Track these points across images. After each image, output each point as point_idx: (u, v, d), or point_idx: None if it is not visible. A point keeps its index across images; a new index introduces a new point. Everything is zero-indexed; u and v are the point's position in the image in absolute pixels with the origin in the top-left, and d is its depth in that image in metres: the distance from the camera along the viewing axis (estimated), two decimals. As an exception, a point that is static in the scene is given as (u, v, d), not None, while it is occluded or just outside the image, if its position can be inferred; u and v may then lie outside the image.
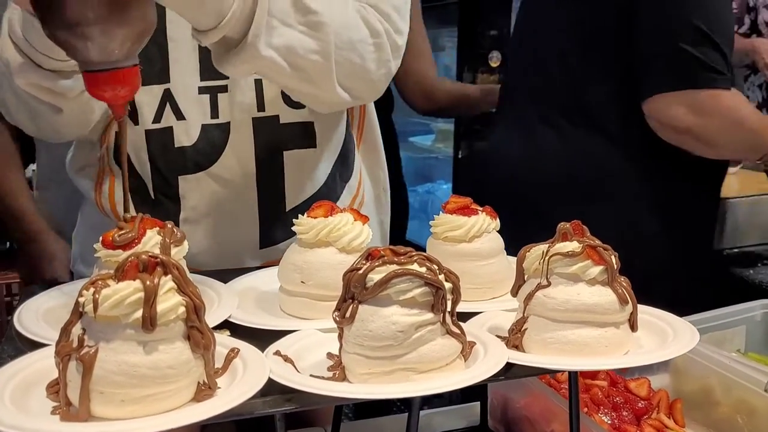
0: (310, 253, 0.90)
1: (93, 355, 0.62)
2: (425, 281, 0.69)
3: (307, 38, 0.96)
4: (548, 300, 0.78)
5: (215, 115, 1.11)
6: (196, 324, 0.65)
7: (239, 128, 1.11)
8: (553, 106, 1.64)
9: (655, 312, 0.88)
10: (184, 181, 1.11)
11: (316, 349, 0.80)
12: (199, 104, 1.10)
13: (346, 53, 1.01)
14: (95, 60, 0.77)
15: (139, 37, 0.80)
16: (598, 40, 1.55)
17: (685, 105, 1.44)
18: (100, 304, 0.62)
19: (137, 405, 0.63)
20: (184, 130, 1.10)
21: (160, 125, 1.10)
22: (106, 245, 0.82)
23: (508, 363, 0.74)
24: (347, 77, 1.03)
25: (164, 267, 0.65)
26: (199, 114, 1.10)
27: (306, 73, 0.99)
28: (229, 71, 0.95)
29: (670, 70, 1.46)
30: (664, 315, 0.87)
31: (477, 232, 0.98)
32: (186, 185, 1.11)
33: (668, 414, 1.13)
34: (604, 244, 0.80)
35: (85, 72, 0.79)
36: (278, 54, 0.94)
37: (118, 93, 0.80)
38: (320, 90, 1.02)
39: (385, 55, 1.06)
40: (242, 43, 0.91)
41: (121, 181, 1.13)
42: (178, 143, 1.10)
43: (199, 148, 1.10)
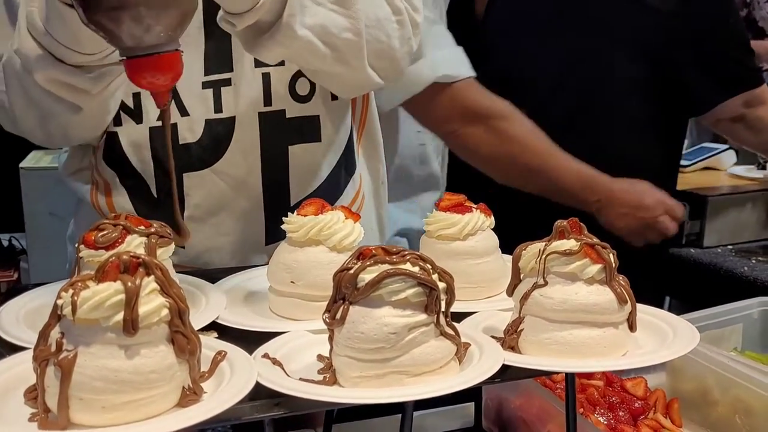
0: (300, 252, 0.88)
1: (72, 360, 0.60)
2: (418, 281, 0.67)
3: (338, 16, 0.96)
4: (545, 300, 0.76)
5: (219, 109, 1.08)
6: (181, 328, 0.63)
7: (244, 123, 1.09)
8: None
9: (655, 311, 0.86)
10: (188, 178, 1.08)
11: (306, 351, 0.77)
12: (202, 99, 1.08)
13: (374, 31, 1.01)
14: (139, 45, 0.75)
15: (184, 18, 0.78)
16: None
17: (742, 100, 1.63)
18: (79, 307, 0.60)
19: (119, 412, 0.60)
20: (188, 126, 1.08)
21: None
22: (87, 245, 0.79)
23: (504, 365, 0.72)
24: (375, 56, 1.03)
25: (146, 267, 0.63)
26: (203, 109, 1.08)
27: (340, 52, 0.98)
28: (263, 56, 0.94)
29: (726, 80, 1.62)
30: (664, 315, 0.85)
31: (471, 230, 0.96)
32: (190, 183, 1.08)
33: (665, 414, 1.12)
34: (602, 242, 0.77)
35: (128, 58, 0.77)
36: (313, 33, 0.94)
37: (160, 80, 0.78)
38: (353, 70, 1.02)
39: (407, 32, 1.06)
40: (277, 25, 0.90)
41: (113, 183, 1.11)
42: (183, 140, 1.08)
43: (204, 144, 1.08)
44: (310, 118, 1.13)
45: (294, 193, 1.14)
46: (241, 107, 1.08)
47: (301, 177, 1.14)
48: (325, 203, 0.91)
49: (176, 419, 0.60)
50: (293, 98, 1.11)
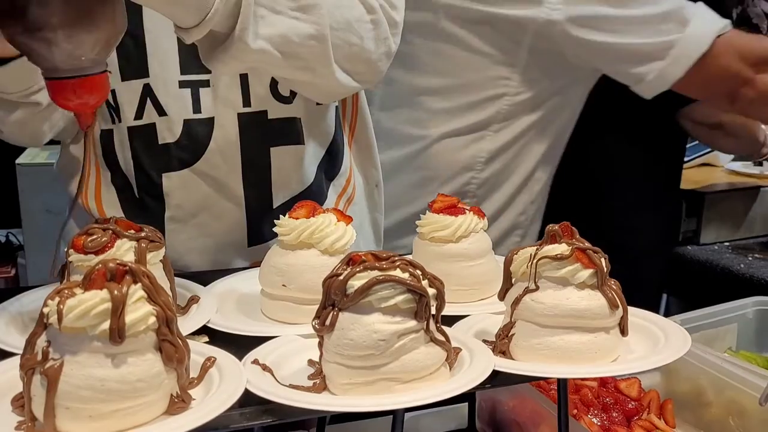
0: (292, 255, 0.87)
1: (58, 369, 0.59)
2: (408, 288, 0.66)
3: (300, 23, 0.91)
4: (536, 305, 0.75)
5: (198, 110, 1.07)
6: (168, 337, 0.62)
7: (224, 124, 1.07)
8: None
9: (647, 315, 0.85)
10: (168, 179, 1.08)
11: (296, 356, 0.77)
12: (180, 99, 1.06)
13: (343, 34, 0.96)
14: (61, 67, 0.73)
15: (108, 42, 0.75)
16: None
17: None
18: (65, 315, 0.59)
19: (106, 420, 0.60)
20: (167, 126, 1.07)
21: (142, 122, 1.06)
22: (77, 249, 0.79)
23: (495, 371, 0.71)
24: (347, 59, 0.99)
25: (133, 275, 0.62)
26: (181, 109, 1.06)
27: (302, 60, 0.94)
28: (219, 69, 0.90)
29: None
30: (656, 318, 0.84)
31: (464, 232, 0.96)
32: (170, 183, 1.08)
33: (659, 415, 1.12)
34: (594, 246, 0.77)
35: (49, 79, 0.74)
36: (270, 44, 0.89)
37: (86, 101, 0.75)
38: (320, 77, 0.98)
39: (383, 32, 1.02)
40: (230, 39, 0.85)
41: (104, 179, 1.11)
42: (162, 140, 1.07)
43: (183, 145, 1.06)
44: (292, 120, 1.11)
45: (277, 196, 1.13)
46: (220, 108, 1.07)
47: (284, 179, 1.13)
48: (317, 206, 0.90)
49: (163, 428, 0.59)
50: (276, 98, 1.09)
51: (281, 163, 1.11)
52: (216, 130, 1.07)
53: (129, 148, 1.07)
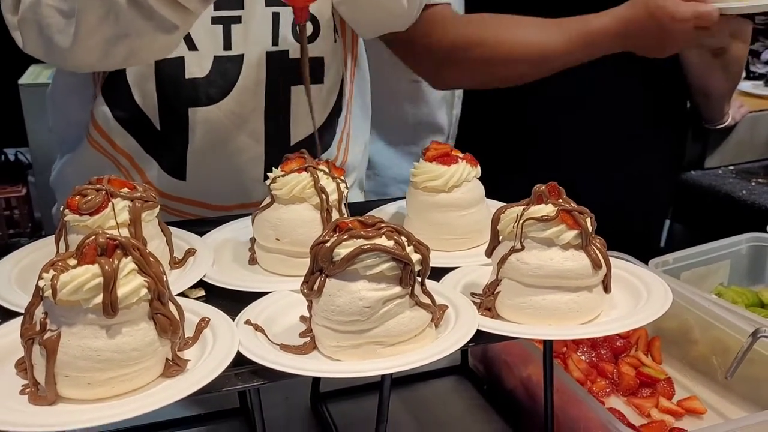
0: (285, 209, 0.88)
1: (55, 340, 0.62)
2: (392, 256, 0.68)
3: None
4: (521, 265, 0.77)
5: (228, 46, 1.08)
6: (161, 309, 0.65)
7: (252, 62, 1.09)
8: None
9: (629, 267, 0.87)
10: (194, 113, 1.09)
11: (289, 312, 0.80)
12: (211, 35, 1.07)
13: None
14: None
15: None
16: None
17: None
18: (59, 290, 0.61)
19: (104, 387, 0.64)
20: (197, 61, 1.07)
21: (171, 55, 1.05)
22: (72, 210, 0.80)
23: (478, 330, 0.74)
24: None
25: (124, 249, 0.64)
26: (212, 45, 1.07)
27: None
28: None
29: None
30: (640, 272, 0.86)
31: (456, 181, 0.96)
32: (196, 118, 1.09)
33: (646, 352, 1.15)
34: (579, 206, 0.78)
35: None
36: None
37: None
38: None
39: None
40: None
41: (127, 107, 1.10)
42: (190, 74, 1.08)
43: (212, 81, 1.08)
44: (314, 60, 1.13)
45: (294, 133, 1.16)
46: (251, 46, 1.08)
47: (302, 118, 1.15)
48: (308, 158, 0.91)
49: (158, 397, 0.62)
50: (296, 39, 1.10)
51: (300, 101, 1.14)
52: (245, 67, 1.09)
53: (153, 81, 1.08)
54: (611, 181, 1.60)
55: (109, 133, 1.12)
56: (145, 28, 0.89)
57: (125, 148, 1.13)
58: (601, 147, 1.61)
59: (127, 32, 0.90)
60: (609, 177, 1.59)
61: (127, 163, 1.14)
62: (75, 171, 1.20)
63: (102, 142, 1.13)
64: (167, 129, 1.10)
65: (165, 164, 1.13)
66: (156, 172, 1.13)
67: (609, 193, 1.58)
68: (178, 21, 0.90)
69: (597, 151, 1.60)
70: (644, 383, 1.08)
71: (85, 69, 1.04)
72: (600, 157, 1.61)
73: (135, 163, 1.14)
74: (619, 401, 1.06)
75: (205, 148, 1.11)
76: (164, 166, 1.13)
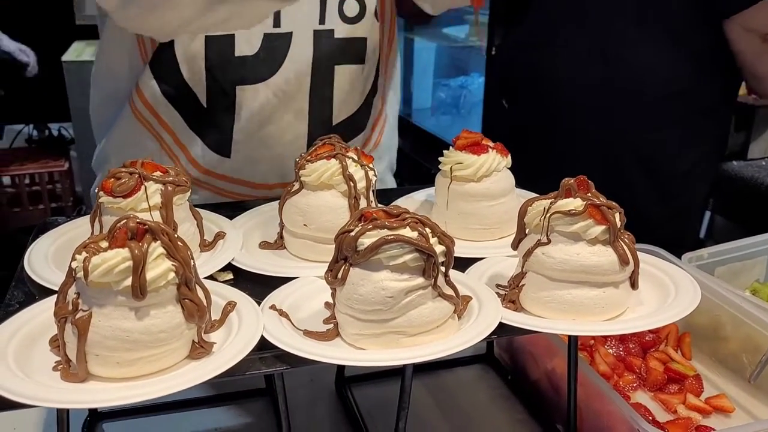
0: (313, 196, 0.89)
1: (86, 320, 0.64)
2: (416, 247, 0.68)
3: None
4: (547, 259, 0.77)
5: (277, 24, 1.09)
6: (188, 295, 0.66)
7: (300, 40, 1.10)
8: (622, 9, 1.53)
9: (660, 264, 0.86)
10: (242, 91, 1.11)
11: (314, 298, 0.81)
12: None
13: None
14: None
15: None
16: None
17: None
18: (90, 272, 0.63)
19: (132, 366, 0.66)
20: (246, 38, 1.09)
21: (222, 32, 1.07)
22: (106, 192, 0.82)
23: (501, 323, 0.74)
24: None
25: (153, 233, 0.66)
26: (261, 23, 1.07)
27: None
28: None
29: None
30: (669, 269, 0.85)
31: (486, 171, 0.96)
32: (243, 95, 1.11)
33: (676, 347, 1.14)
34: (609, 202, 0.77)
35: None
36: None
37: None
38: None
39: None
40: None
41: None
42: (239, 52, 1.09)
43: (261, 58, 1.09)
44: (358, 40, 1.15)
45: (336, 113, 1.18)
46: (299, 23, 1.09)
47: (344, 97, 1.17)
48: (337, 145, 0.91)
49: (183, 379, 0.64)
50: (341, 19, 1.12)
51: (343, 81, 1.15)
52: (293, 45, 1.10)
53: (203, 58, 1.09)
54: (654, 171, 1.57)
55: (156, 108, 1.13)
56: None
57: (170, 124, 1.14)
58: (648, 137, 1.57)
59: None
60: (653, 166, 1.56)
61: (170, 139, 1.15)
62: (117, 148, 1.22)
63: (148, 117, 1.15)
64: (213, 106, 1.12)
65: (210, 141, 1.15)
66: (200, 150, 1.15)
67: (650, 183, 1.55)
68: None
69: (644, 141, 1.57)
70: (672, 379, 1.07)
71: (163, 30, 0.99)
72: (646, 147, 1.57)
73: (178, 140, 1.15)
74: (646, 396, 1.05)
75: (251, 126, 1.13)
76: (209, 143, 1.15)
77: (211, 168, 1.16)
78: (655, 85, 1.53)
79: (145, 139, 1.15)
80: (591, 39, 1.54)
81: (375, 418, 0.99)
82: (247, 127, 1.12)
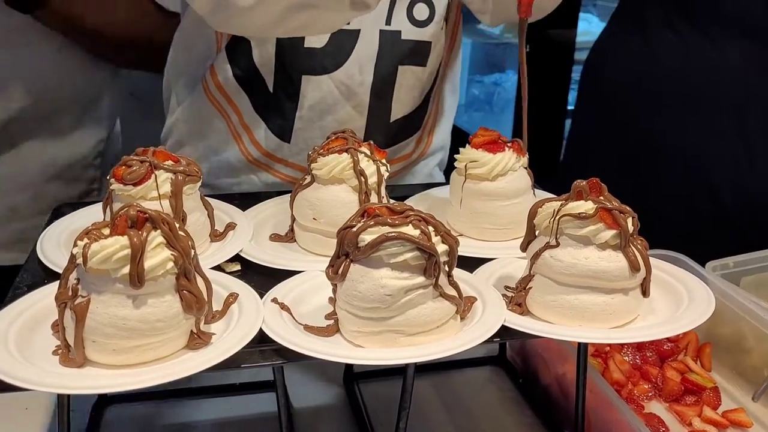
0: (323, 190, 0.89)
1: (85, 306, 0.65)
2: (417, 245, 0.67)
3: None
4: (554, 262, 0.75)
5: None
6: (187, 286, 0.66)
7: (367, 37, 1.14)
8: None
9: (676, 272, 0.83)
10: (307, 81, 1.15)
11: (319, 292, 0.80)
12: None
13: None
14: None
15: None
16: None
17: None
18: (89, 259, 0.64)
19: (129, 354, 0.66)
20: None
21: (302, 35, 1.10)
22: (117, 180, 0.83)
23: (504, 326, 0.72)
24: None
25: (153, 222, 0.66)
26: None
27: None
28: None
29: None
30: (684, 276, 0.82)
31: (501, 170, 0.94)
32: (308, 85, 1.15)
33: (695, 358, 1.10)
34: (622, 206, 0.74)
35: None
36: None
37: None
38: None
39: None
40: None
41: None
42: (308, 44, 1.13)
43: (328, 52, 1.13)
44: (423, 43, 1.18)
45: (395, 110, 1.21)
46: (367, 22, 1.12)
47: (404, 97, 1.20)
48: (349, 140, 0.90)
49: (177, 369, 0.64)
50: (410, 21, 1.15)
51: (404, 81, 1.19)
52: (359, 42, 1.14)
53: (275, 45, 1.13)
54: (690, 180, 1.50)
55: (226, 90, 1.18)
56: (338, 3, 0.91)
57: (238, 106, 1.19)
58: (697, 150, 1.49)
59: (316, 3, 0.92)
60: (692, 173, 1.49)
61: (237, 120, 1.20)
62: (186, 122, 1.26)
63: (218, 97, 1.19)
64: (279, 92, 1.16)
65: (273, 126, 1.19)
66: (263, 133, 1.20)
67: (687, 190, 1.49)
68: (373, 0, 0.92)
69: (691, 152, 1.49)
70: (689, 390, 1.04)
71: (248, 32, 1.08)
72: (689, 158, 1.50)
73: (243, 122, 1.20)
74: (661, 407, 1.03)
75: (312, 114, 1.17)
76: (272, 128, 1.19)
77: (271, 151, 1.21)
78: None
79: (213, 117, 1.21)
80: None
81: (380, 416, 0.99)
82: (308, 115, 1.17)
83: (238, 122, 1.20)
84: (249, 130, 1.20)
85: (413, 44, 1.17)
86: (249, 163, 1.22)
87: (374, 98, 1.18)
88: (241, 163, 1.22)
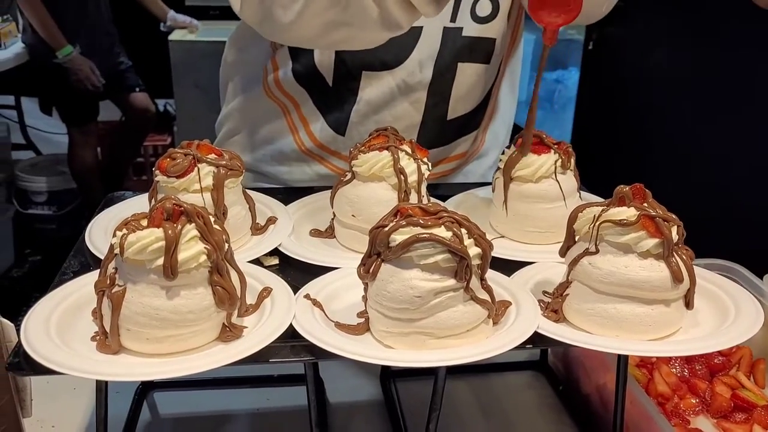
0: (363, 187, 0.89)
1: (121, 294, 0.66)
2: (448, 248, 0.66)
3: None
4: (593, 269, 0.72)
5: None
6: (220, 282, 0.67)
7: (429, 35, 1.13)
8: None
9: (725, 284, 0.79)
10: (367, 76, 1.15)
11: (352, 290, 0.80)
12: None
13: None
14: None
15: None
16: None
17: None
18: (126, 249, 0.65)
19: (161, 343, 0.67)
20: None
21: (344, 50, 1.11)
22: (161, 171, 0.85)
23: (536, 333, 0.71)
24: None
25: (188, 216, 0.67)
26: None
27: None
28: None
29: None
30: (732, 288, 0.78)
31: (545, 173, 0.92)
32: (367, 81, 1.15)
33: (748, 374, 1.06)
34: (667, 214, 0.72)
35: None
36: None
37: (559, 20, 0.85)
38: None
39: None
40: None
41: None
42: None
43: (388, 49, 1.11)
44: (484, 40, 1.16)
45: (452, 109, 1.19)
46: (430, 19, 1.08)
47: (463, 95, 1.18)
48: (390, 137, 0.90)
49: (206, 361, 0.65)
50: (472, 18, 1.13)
51: (464, 79, 1.17)
52: (421, 39, 1.13)
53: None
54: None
55: (284, 86, 1.20)
56: (371, 23, 0.91)
57: (297, 101, 1.20)
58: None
59: (350, 22, 0.93)
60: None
61: (295, 113, 1.21)
62: (241, 113, 1.28)
63: (276, 92, 1.21)
64: (338, 87, 1.17)
65: (330, 119, 1.20)
66: (320, 125, 1.20)
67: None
68: (404, 22, 0.92)
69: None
70: (739, 407, 0.99)
71: (294, 43, 1.10)
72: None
73: (302, 115, 1.21)
74: (708, 423, 0.99)
75: (369, 109, 1.17)
76: (329, 121, 1.20)
77: (326, 143, 1.21)
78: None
79: (270, 110, 1.22)
80: None
81: (415, 415, 0.98)
82: (365, 110, 1.17)
83: (296, 115, 1.21)
84: (306, 122, 1.21)
85: (474, 41, 1.15)
86: (302, 153, 1.23)
87: (431, 95, 1.17)
88: (294, 153, 1.23)
